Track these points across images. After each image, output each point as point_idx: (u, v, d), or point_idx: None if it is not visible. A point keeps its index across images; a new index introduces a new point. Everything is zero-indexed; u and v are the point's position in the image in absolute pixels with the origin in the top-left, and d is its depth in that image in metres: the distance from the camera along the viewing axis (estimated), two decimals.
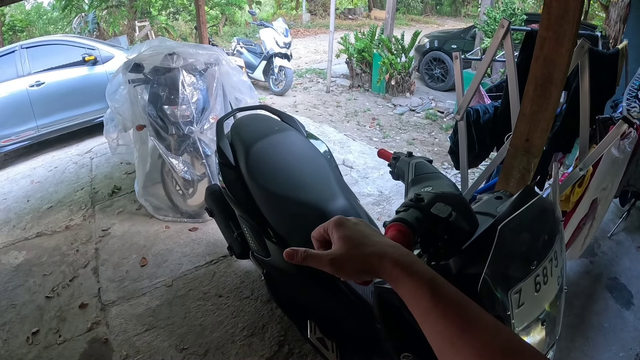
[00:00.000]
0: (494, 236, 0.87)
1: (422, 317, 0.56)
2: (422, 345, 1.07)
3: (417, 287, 0.57)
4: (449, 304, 0.54)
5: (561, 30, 1.51)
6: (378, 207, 3.78)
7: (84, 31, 11.96)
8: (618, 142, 2.09)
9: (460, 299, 0.55)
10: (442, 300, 0.55)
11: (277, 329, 2.51)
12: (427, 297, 0.55)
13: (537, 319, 1.01)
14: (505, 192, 1.24)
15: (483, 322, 0.52)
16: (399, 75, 7.23)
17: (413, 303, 0.57)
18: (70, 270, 3.12)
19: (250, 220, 1.97)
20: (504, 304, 0.91)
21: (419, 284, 0.57)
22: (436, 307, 0.54)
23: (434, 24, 19.54)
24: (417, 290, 0.57)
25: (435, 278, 0.58)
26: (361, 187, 4.12)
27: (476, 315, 0.53)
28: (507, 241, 0.90)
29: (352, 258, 0.63)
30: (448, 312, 0.53)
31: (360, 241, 0.65)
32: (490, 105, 2.75)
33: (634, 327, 2.62)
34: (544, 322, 1.03)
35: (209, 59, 3.38)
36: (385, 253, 0.62)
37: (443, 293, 0.56)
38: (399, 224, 0.84)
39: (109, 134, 3.75)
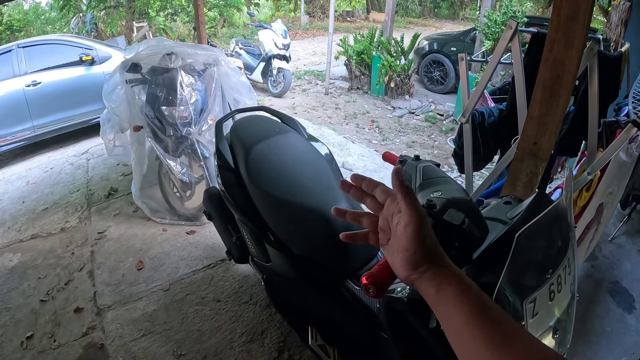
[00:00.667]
0: (508, 244, 0.85)
1: (461, 325, 0.55)
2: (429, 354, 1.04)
3: (465, 293, 0.57)
4: (491, 317, 0.54)
5: (571, 32, 1.48)
6: None
7: (82, 31, 11.92)
8: (626, 146, 2.07)
9: (501, 314, 0.56)
10: (485, 311, 0.55)
11: (277, 334, 2.47)
12: (473, 304, 0.55)
13: (549, 328, 0.98)
14: (514, 197, 1.21)
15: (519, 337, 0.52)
16: (398, 77, 7.21)
17: (456, 308, 0.56)
18: (65, 273, 3.07)
19: (250, 225, 1.93)
20: (518, 314, 0.89)
21: (467, 290, 0.57)
22: (480, 316, 0.54)
23: (432, 27, 19.55)
24: (464, 296, 0.57)
25: (480, 291, 0.58)
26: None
27: (513, 330, 0.53)
28: (523, 250, 0.87)
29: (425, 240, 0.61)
30: (487, 324, 0.53)
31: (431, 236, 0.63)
32: (494, 108, 2.72)
33: (636, 331, 2.60)
34: (556, 332, 1.01)
35: (207, 59, 3.34)
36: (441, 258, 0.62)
37: (488, 304, 0.56)
38: None
39: (105, 134, 3.71)
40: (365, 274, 0.69)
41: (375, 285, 0.67)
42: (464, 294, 0.56)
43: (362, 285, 0.68)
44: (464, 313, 0.55)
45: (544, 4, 13.16)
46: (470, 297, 0.56)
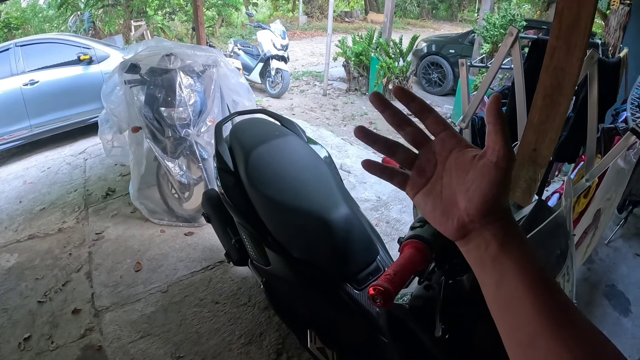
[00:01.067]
0: None
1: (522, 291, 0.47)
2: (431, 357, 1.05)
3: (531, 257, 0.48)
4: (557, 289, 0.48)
5: (572, 40, 1.48)
6: (376, 213, 3.75)
7: (80, 30, 11.87)
8: (624, 153, 2.08)
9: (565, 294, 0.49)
10: (550, 283, 0.48)
11: (275, 336, 2.47)
12: (538, 272, 0.47)
13: None
14: (513, 204, 1.22)
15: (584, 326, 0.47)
16: (397, 79, 7.20)
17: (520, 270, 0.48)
18: (63, 274, 3.06)
19: (249, 228, 1.93)
20: None
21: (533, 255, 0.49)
22: (545, 287, 0.47)
23: (430, 28, 19.58)
24: (530, 260, 0.48)
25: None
26: (359, 193, 4.09)
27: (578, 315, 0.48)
28: None
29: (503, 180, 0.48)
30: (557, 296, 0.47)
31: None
32: None
33: (632, 334, 2.63)
34: None
35: (206, 60, 3.34)
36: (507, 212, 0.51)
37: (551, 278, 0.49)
38: (416, 241, 0.81)
39: (103, 135, 3.69)
40: (373, 284, 0.70)
41: (382, 296, 0.67)
42: (530, 257, 0.48)
43: (369, 295, 0.69)
44: (528, 279, 0.47)
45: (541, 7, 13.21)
46: (536, 263, 0.48)
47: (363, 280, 1.66)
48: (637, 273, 3.17)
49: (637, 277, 3.12)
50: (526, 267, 0.48)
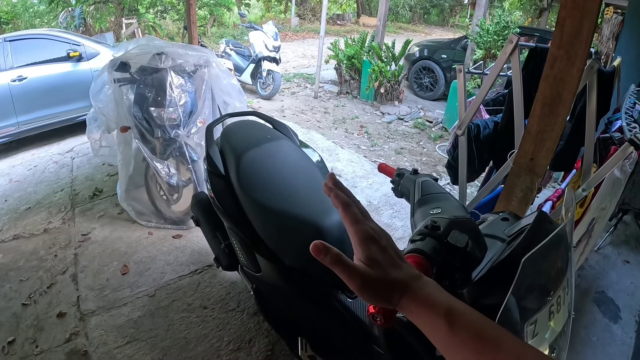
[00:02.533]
0: (511, 267, 0.83)
1: (442, 349, 0.55)
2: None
3: (434, 319, 0.55)
4: (467, 332, 0.53)
5: (573, 50, 1.47)
6: None
7: (70, 26, 11.75)
8: (621, 163, 2.07)
9: (480, 324, 0.54)
10: (458, 330, 0.53)
11: (264, 343, 2.44)
12: (444, 329, 0.54)
13: (546, 346, 0.98)
14: (511, 213, 1.20)
15: (504, 349, 0.50)
16: (389, 83, 7.23)
17: (431, 335, 0.56)
18: (48, 276, 3.00)
19: (240, 233, 1.89)
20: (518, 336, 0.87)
21: (435, 315, 0.55)
22: (453, 339, 0.53)
23: (422, 33, 19.73)
24: (433, 322, 0.55)
25: (452, 306, 0.56)
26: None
27: (497, 341, 0.52)
28: (528, 274, 0.86)
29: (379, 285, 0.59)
30: (466, 341, 0.52)
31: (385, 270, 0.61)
32: (490, 120, 2.72)
33: (622, 340, 2.64)
34: (553, 350, 1.00)
35: (198, 60, 3.30)
36: (405, 288, 0.59)
37: (460, 322, 0.54)
38: (418, 255, 0.78)
39: (91, 134, 3.64)
40: None
41: (383, 315, 0.64)
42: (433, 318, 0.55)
43: (369, 314, 0.65)
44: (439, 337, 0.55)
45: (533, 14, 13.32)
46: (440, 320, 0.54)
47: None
48: (626, 280, 3.20)
49: (627, 284, 3.15)
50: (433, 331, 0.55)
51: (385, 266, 0.61)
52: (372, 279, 0.59)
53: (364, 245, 0.62)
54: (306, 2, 20.36)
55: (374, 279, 0.59)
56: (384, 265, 0.61)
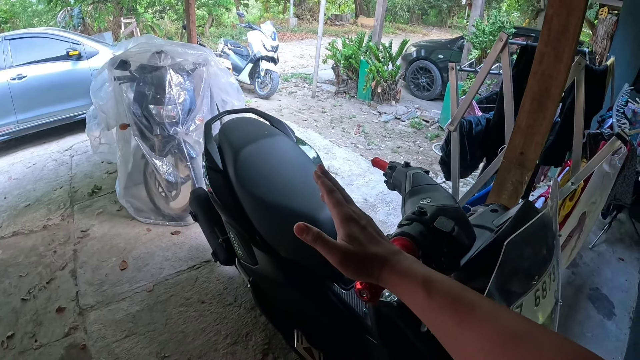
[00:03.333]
0: (497, 252, 0.86)
1: (422, 316, 0.57)
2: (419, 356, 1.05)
3: (412, 288, 0.57)
4: (443, 298, 0.55)
5: (560, 47, 1.50)
6: None
7: (69, 25, 11.75)
8: (609, 157, 2.11)
9: (456, 290, 0.55)
10: (435, 296, 0.55)
11: (261, 336, 2.47)
12: (421, 296, 0.56)
13: None
14: (500, 205, 1.23)
15: (480, 310, 0.51)
16: (385, 83, 7.26)
17: (411, 304, 0.58)
18: (47, 272, 3.02)
19: (237, 227, 1.92)
20: None
21: (412, 283, 0.58)
22: (431, 304, 0.55)
23: (419, 33, 19.74)
24: (412, 291, 0.57)
25: (428, 275, 0.58)
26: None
27: (474, 303, 0.53)
28: (511, 257, 0.89)
29: (358, 259, 0.63)
30: (444, 306, 0.54)
31: (365, 246, 0.65)
32: (482, 117, 2.75)
33: (616, 337, 2.67)
34: None
35: (197, 59, 3.33)
36: (385, 261, 0.62)
37: (437, 289, 0.56)
38: (404, 238, 0.82)
39: (91, 131, 3.65)
40: None
41: (369, 290, 0.67)
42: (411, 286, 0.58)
43: (356, 290, 0.69)
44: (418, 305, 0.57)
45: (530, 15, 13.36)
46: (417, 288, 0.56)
47: (350, 280, 1.66)
48: (620, 277, 3.22)
49: (621, 281, 3.18)
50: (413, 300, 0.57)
51: (365, 243, 0.65)
52: (351, 253, 0.63)
53: (345, 225, 0.67)
54: (304, 2, 20.38)
55: (353, 253, 0.63)
56: (363, 242, 0.65)
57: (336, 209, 0.69)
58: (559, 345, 0.43)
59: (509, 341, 0.46)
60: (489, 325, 0.49)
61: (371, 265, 0.62)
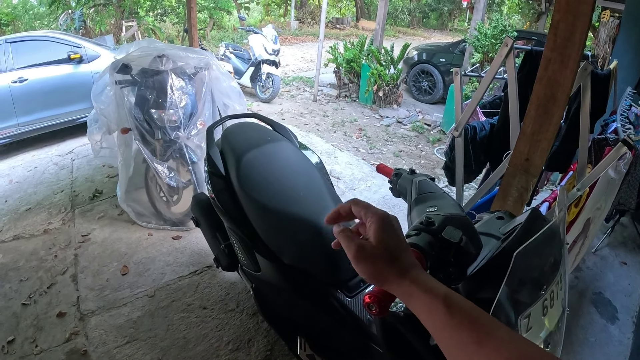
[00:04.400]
0: (505, 261, 0.86)
1: (438, 332, 0.57)
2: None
3: (432, 302, 0.58)
4: (464, 317, 0.55)
5: (566, 52, 1.50)
6: None
7: (70, 28, 11.76)
8: (615, 163, 2.10)
9: (475, 312, 0.56)
10: (456, 314, 0.56)
11: (264, 343, 2.45)
12: (442, 312, 0.56)
13: (540, 341, 1.00)
14: (506, 212, 1.22)
15: (498, 334, 0.52)
16: (387, 86, 7.26)
17: (429, 319, 0.58)
18: (48, 276, 3.01)
19: (240, 233, 1.91)
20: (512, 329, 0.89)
21: (433, 299, 0.58)
22: (451, 321, 0.55)
23: (420, 36, 19.76)
24: (431, 305, 0.58)
25: (449, 293, 0.59)
26: (348, 199, 4.06)
27: (491, 327, 0.54)
28: (520, 268, 0.88)
29: (379, 261, 0.64)
30: (463, 325, 0.54)
31: (393, 251, 0.65)
32: (486, 122, 2.74)
33: (619, 341, 2.67)
34: (547, 344, 1.03)
35: (199, 63, 3.32)
36: (407, 271, 0.63)
37: (458, 307, 0.56)
38: (412, 250, 0.80)
39: (92, 135, 3.66)
40: (368, 292, 0.69)
41: (378, 304, 0.67)
42: (432, 302, 0.58)
43: (365, 304, 0.68)
44: (436, 321, 0.57)
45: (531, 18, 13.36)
46: (438, 304, 0.57)
47: (354, 287, 1.64)
48: (623, 281, 3.22)
49: (624, 285, 3.17)
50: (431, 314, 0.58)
51: (394, 246, 0.65)
52: (368, 249, 0.65)
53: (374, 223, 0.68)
54: (306, 5, 20.42)
55: (370, 250, 0.64)
56: (392, 245, 0.65)
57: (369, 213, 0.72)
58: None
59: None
60: (509, 350, 0.50)
61: (391, 270, 0.63)
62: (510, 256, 0.85)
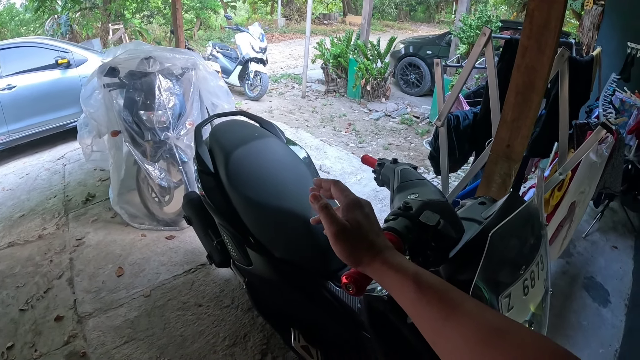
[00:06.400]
0: (483, 243, 0.88)
1: (409, 309, 0.59)
2: (412, 351, 1.07)
3: (402, 280, 0.60)
4: (432, 293, 0.57)
5: (543, 40, 1.53)
6: None
7: (57, 33, 11.72)
8: (596, 147, 2.14)
9: (444, 288, 0.58)
10: (425, 291, 0.58)
11: (259, 337, 2.48)
12: (412, 289, 0.58)
13: (525, 321, 1.02)
14: (489, 198, 1.25)
15: (466, 307, 0.54)
16: (375, 80, 7.29)
17: (400, 296, 0.61)
18: (44, 281, 3.02)
19: (230, 229, 1.94)
20: (494, 308, 0.92)
21: (403, 277, 0.60)
22: (420, 298, 0.57)
23: (408, 30, 19.76)
24: (402, 283, 0.60)
25: (419, 271, 0.61)
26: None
27: (460, 301, 0.56)
28: (497, 248, 0.91)
29: (353, 241, 0.67)
30: (432, 300, 0.56)
31: (364, 232, 0.69)
32: (469, 112, 2.78)
33: (612, 324, 2.70)
34: (531, 325, 1.05)
35: (186, 63, 3.33)
36: (379, 252, 0.66)
37: (427, 284, 0.59)
38: (389, 233, 0.83)
39: (82, 139, 3.66)
40: (345, 273, 0.72)
41: (354, 284, 0.70)
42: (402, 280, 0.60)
43: (342, 284, 0.71)
44: (407, 298, 0.59)
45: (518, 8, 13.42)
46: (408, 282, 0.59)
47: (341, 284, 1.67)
48: (614, 265, 3.26)
49: (615, 269, 3.21)
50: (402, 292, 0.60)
51: (366, 229, 0.69)
52: (348, 230, 0.68)
53: (350, 209, 0.72)
54: (292, 2, 20.36)
55: (350, 233, 0.68)
56: (364, 227, 0.69)
57: (343, 196, 0.76)
58: (540, 344, 0.46)
59: (492, 337, 0.48)
60: (474, 321, 0.51)
61: (364, 252, 0.66)
62: (487, 237, 0.88)
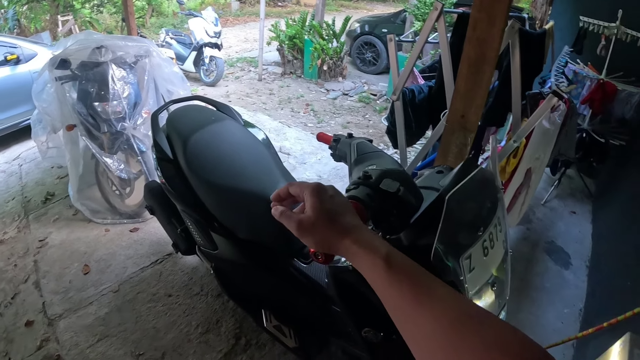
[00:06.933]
0: (442, 207, 0.90)
1: (380, 290, 0.58)
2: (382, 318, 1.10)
3: (373, 260, 0.59)
4: (404, 275, 0.56)
5: (493, 12, 1.56)
6: None
7: (4, 29, 11.21)
8: (549, 114, 2.20)
9: (416, 270, 0.57)
10: (397, 272, 0.56)
11: (232, 322, 2.49)
12: (383, 270, 0.57)
13: (487, 282, 1.06)
14: (446, 167, 1.28)
15: (438, 292, 0.53)
16: (331, 60, 7.31)
17: (371, 276, 0.59)
18: (10, 287, 2.92)
19: (193, 214, 1.93)
20: (456, 270, 0.96)
21: (375, 257, 0.59)
22: (391, 279, 0.56)
23: (363, 9, 19.71)
24: (373, 263, 0.59)
25: (391, 251, 0.60)
26: (300, 173, 4.16)
27: (431, 285, 0.55)
28: (454, 211, 0.93)
29: (318, 228, 0.66)
30: (403, 283, 0.55)
31: (330, 215, 0.67)
32: (424, 85, 2.82)
33: (575, 285, 2.82)
34: (494, 285, 1.09)
35: (138, 51, 3.25)
36: (348, 232, 0.65)
37: (398, 265, 0.58)
38: (352, 201, 0.84)
39: (37, 136, 3.54)
40: None
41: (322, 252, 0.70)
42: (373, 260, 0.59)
43: (311, 253, 0.72)
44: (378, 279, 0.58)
45: None
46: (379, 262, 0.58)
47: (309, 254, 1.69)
48: (574, 229, 3.39)
49: (575, 233, 3.34)
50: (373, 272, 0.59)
51: (334, 211, 0.68)
52: (310, 224, 0.67)
53: (314, 195, 0.69)
54: None
55: (313, 224, 0.66)
56: (332, 211, 0.67)
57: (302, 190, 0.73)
58: (510, 333, 0.46)
59: (464, 323, 0.48)
60: (447, 306, 0.51)
61: (334, 234, 0.65)
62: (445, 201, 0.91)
